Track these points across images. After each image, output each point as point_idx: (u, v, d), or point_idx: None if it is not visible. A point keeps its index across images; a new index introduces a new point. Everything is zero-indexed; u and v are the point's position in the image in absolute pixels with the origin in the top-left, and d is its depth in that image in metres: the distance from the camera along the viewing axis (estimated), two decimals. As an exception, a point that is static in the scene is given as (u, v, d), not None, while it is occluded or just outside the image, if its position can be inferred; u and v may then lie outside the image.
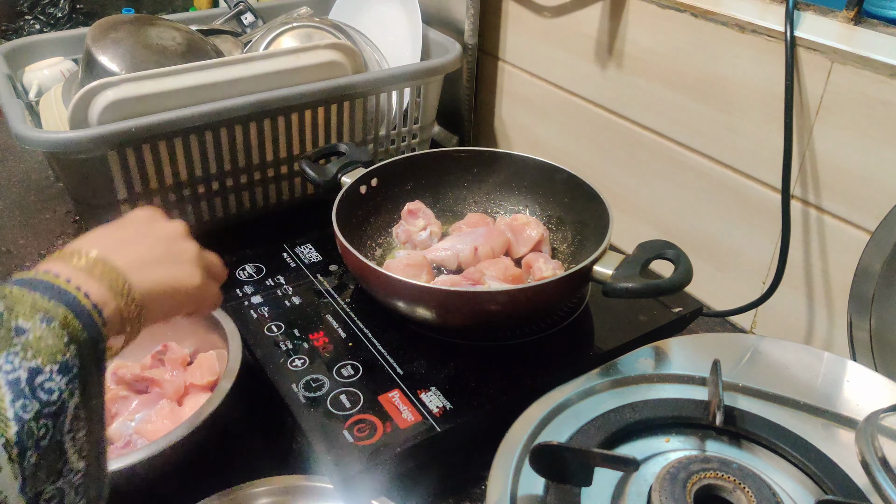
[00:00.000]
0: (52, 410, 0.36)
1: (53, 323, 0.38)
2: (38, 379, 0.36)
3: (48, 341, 0.37)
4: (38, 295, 0.39)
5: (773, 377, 0.60)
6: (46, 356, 0.37)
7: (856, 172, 0.68)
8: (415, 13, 1.02)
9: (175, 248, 0.50)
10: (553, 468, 0.50)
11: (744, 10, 0.74)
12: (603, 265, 0.65)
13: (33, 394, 0.35)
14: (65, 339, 0.38)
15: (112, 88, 0.78)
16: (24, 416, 0.35)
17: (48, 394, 0.36)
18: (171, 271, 0.48)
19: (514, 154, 0.85)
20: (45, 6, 1.61)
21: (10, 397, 0.35)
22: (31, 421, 0.35)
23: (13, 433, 0.34)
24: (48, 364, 0.36)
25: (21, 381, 0.35)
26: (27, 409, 0.35)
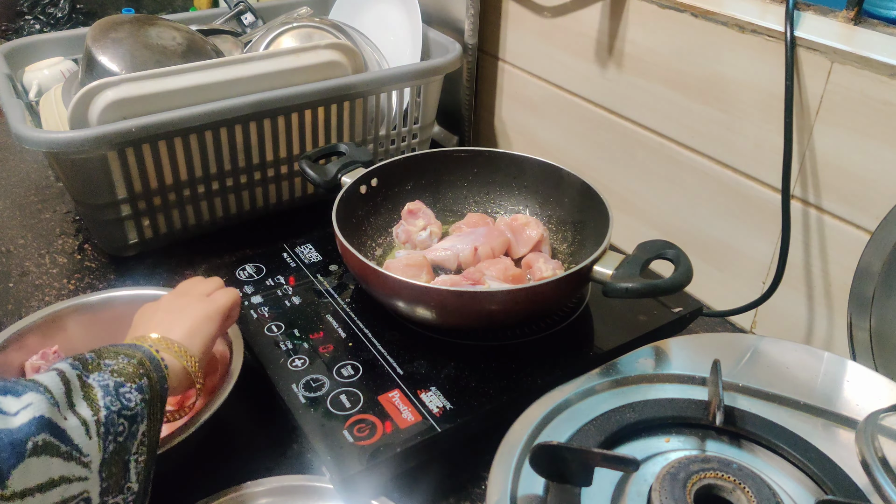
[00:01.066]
0: (129, 414, 0.46)
1: (133, 360, 0.49)
2: (121, 389, 0.46)
3: (129, 369, 0.48)
4: (121, 347, 0.51)
5: (773, 377, 0.60)
6: (127, 377, 0.47)
7: (856, 172, 0.68)
8: (415, 13, 1.02)
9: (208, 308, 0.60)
10: (553, 468, 0.50)
11: (744, 10, 0.74)
12: (603, 265, 0.65)
13: (117, 396, 0.46)
14: (140, 371, 0.49)
15: (112, 88, 0.78)
16: (112, 407, 0.45)
17: (127, 400, 0.46)
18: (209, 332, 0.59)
19: (514, 154, 0.85)
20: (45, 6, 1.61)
21: (101, 393, 0.45)
22: (114, 413, 0.45)
23: (103, 416, 0.44)
24: (128, 382, 0.47)
25: (109, 387, 0.46)
26: (113, 404, 0.45)
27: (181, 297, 0.62)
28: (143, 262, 0.88)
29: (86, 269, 0.88)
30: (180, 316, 0.58)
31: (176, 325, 0.57)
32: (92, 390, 0.45)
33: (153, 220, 0.87)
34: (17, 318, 0.68)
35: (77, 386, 0.44)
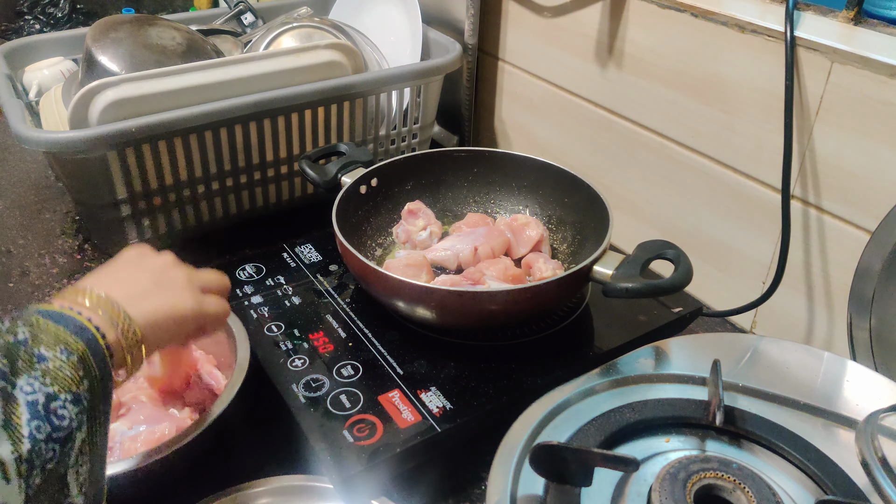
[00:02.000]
0: (61, 436, 0.38)
1: (73, 357, 0.40)
2: (52, 404, 0.38)
3: (66, 372, 0.40)
4: (61, 328, 0.41)
5: (773, 377, 0.60)
6: (62, 385, 0.39)
7: (856, 172, 0.68)
8: (415, 13, 1.02)
9: (165, 277, 0.53)
10: (553, 468, 0.50)
11: (744, 10, 0.74)
12: (603, 265, 0.65)
13: (47, 417, 0.38)
14: (80, 373, 0.40)
15: (112, 88, 0.78)
16: (38, 435, 0.37)
17: (60, 420, 0.38)
18: (164, 299, 0.51)
19: (514, 154, 0.85)
20: (45, 6, 1.61)
21: (27, 416, 0.37)
22: (41, 442, 0.37)
23: (26, 450, 0.36)
24: (63, 393, 0.39)
25: (38, 404, 0.38)
26: (41, 430, 0.37)
27: (173, 270, 0.54)
28: (143, 262, 0.88)
29: (86, 270, 0.88)
30: (156, 293, 0.50)
31: (147, 300, 0.49)
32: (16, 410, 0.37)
33: (153, 221, 0.87)
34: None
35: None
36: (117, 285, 0.48)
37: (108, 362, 0.43)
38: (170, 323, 0.50)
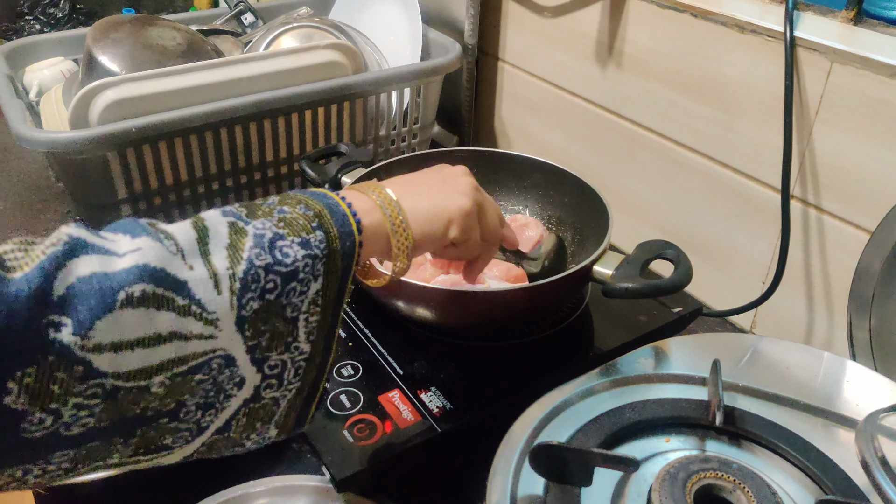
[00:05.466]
0: (283, 271, 0.40)
1: (309, 212, 0.43)
2: (278, 242, 0.41)
3: (299, 221, 0.42)
4: (306, 195, 0.45)
5: (773, 377, 0.60)
6: (292, 230, 0.42)
7: (856, 172, 0.68)
8: (415, 13, 1.02)
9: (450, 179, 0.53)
10: (553, 468, 0.50)
11: (744, 10, 0.74)
12: (603, 265, 0.65)
13: (270, 250, 0.40)
14: (313, 224, 0.42)
15: (112, 88, 0.78)
16: (256, 262, 0.39)
17: (283, 256, 0.40)
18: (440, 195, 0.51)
19: (514, 154, 0.85)
20: (45, 6, 1.61)
21: (250, 244, 0.40)
22: (260, 268, 0.39)
23: (241, 270, 0.39)
24: (291, 236, 0.41)
25: (264, 238, 0.40)
26: (260, 257, 0.40)
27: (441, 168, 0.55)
28: (143, 262, 0.87)
29: (86, 269, 0.87)
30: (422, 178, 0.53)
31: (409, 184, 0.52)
32: (242, 239, 0.40)
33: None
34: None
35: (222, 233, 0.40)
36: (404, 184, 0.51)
37: (349, 223, 0.44)
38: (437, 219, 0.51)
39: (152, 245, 0.37)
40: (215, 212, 0.42)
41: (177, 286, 0.37)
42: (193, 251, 0.38)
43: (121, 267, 0.35)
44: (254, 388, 0.41)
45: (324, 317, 0.43)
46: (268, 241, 0.40)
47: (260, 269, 0.39)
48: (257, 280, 0.39)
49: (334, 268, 0.43)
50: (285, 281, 0.40)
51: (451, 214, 0.51)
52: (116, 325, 0.34)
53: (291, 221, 0.42)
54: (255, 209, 0.42)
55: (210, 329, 0.38)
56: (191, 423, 0.39)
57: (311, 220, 0.42)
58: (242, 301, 0.39)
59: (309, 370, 0.44)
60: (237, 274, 0.39)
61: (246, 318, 0.39)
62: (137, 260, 0.36)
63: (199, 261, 0.38)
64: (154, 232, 0.38)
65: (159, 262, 0.36)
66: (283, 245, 0.41)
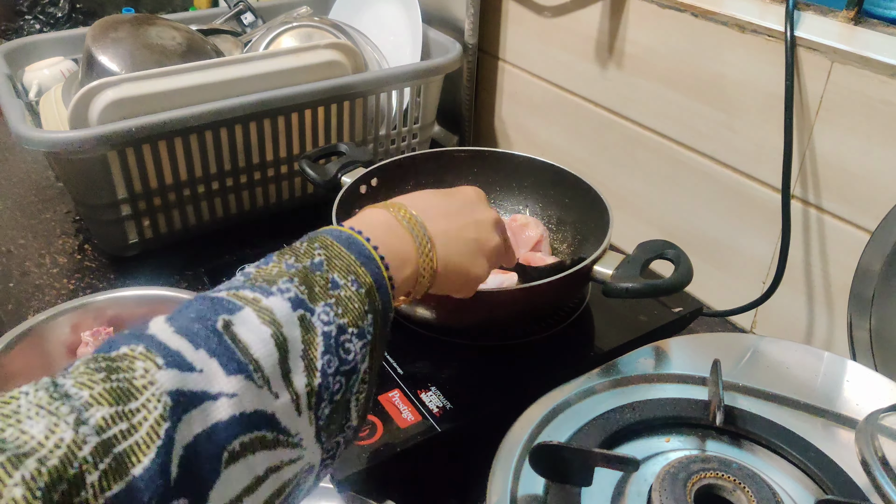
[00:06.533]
0: (347, 369, 0.39)
1: (362, 290, 0.41)
2: (342, 337, 0.39)
3: (355, 304, 0.40)
4: (353, 257, 0.42)
5: (773, 377, 0.60)
6: (352, 318, 0.40)
7: (856, 172, 0.68)
8: (415, 13, 1.02)
9: (483, 236, 0.52)
10: (553, 468, 0.50)
11: (744, 10, 0.74)
12: (603, 265, 0.65)
13: (337, 351, 0.38)
14: (366, 307, 0.41)
15: (112, 88, 0.78)
16: (328, 370, 0.38)
17: (346, 353, 0.39)
18: (470, 256, 0.51)
19: (514, 154, 0.85)
20: (45, 6, 1.61)
21: (321, 349, 0.38)
22: (331, 376, 0.38)
23: (317, 383, 0.37)
24: (351, 326, 0.39)
25: (331, 336, 0.38)
26: (331, 363, 0.38)
27: (477, 205, 0.54)
28: (143, 263, 0.88)
29: (86, 269, 0.88)
30: (458, 216, 0.51)
31: (445, 219, 0.50)
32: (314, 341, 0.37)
33: (153, 221, 0.87)
34: (18, 319, 0.68)
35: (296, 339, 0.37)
36: (439, 218, 0.49)
37: (390, 294, 0.43)
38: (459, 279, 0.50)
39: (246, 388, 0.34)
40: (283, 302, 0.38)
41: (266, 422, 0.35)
42: (277, 377, 0.36)
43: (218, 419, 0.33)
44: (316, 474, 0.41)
45: (370, 391, 0.42)
46: (334, 339, 0.39)
47: (330, 377, 0.38)
48: (328, 387, 0.38)
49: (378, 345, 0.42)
50: (348, 378, 0.40)
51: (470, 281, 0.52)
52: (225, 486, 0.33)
53: (349, 305, 0.40)
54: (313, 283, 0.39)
55: (296, 452, 0.37)
56: None
57: (365, 302, 0.41)
58: (319, 413, 0.38)
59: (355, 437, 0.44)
60: (314, 388, 0.37)
61: (322, 428, 0.38)
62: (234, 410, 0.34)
63: (282, 385, 0.36)
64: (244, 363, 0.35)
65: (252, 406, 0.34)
66: (345, 340, 0.39)
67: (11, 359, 0.65)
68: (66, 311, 0.69)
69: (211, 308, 0.36)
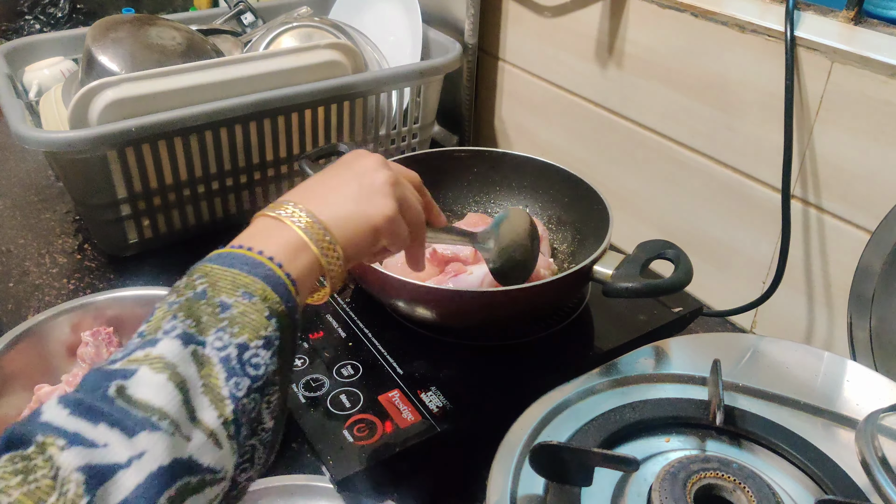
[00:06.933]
0: (258, 385, 0.37)
1: (254, 298, 0.39)
2: (245, 355, 0.37)
3: (251, 317, 0.38)
4: (236, 271, 0.40)
5: (773, 377, 0.60)
6: (251, 332, 0.38)
7: (856, 172, 0.68)
8: (415, 13, 1.02)
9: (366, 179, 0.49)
10: (553, 468, 0.50)
11: (744, 10, 0.74)
12: (603, 265, 0.65)
13: (243, 370, 0.37)
14: (266, 314, 0.39)
15: (112, 88, 0.78)
16: (238, 393, 0.36)
17: (255, 369, 0.37)
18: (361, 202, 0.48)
19: (514, 154, 0.85)
20: (45, 6, 1.61)
21: (223, 375, 0.36)
22: (242, 398, 0.36)
23: (230, 411, 0.35)
24: (253, 340, 0.38)
25: (231, 359, 0.37)
26: (239, 386, 0.36)
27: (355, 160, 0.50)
28: (143, 262, 0.88)
29: (86, 269, 0.88)
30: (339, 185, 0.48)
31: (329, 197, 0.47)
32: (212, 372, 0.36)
33: (153, 220, 0.87)
34: (18, 319, 0.68)
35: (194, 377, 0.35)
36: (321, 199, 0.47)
37: (290, 292, 0.41)
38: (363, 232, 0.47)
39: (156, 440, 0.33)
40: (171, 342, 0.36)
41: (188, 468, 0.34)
42: (184, 419, 0.34)
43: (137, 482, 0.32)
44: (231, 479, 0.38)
45: (283, 391, 0.41)
46: (236, 359, 0.37)
47: (244, 400, 0.37)
48: (244, 410, 0.37)
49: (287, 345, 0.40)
50: (261, 392, 0.38)
51: (375, 223, 0.48)
52: None
53: (245, 320, 0.38)
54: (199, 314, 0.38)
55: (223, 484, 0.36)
56: None
57: (262, 309, 0.39)
58: (240, 439, 0.37)
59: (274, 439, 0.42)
60: (228, 419, 0.36)
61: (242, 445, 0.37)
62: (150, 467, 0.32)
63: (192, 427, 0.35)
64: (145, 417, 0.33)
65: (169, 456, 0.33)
66: (250, 356, 0.37)
67: (11, 359, 0.66)
68: (65, 311, 0.69)
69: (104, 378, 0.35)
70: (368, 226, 0.47)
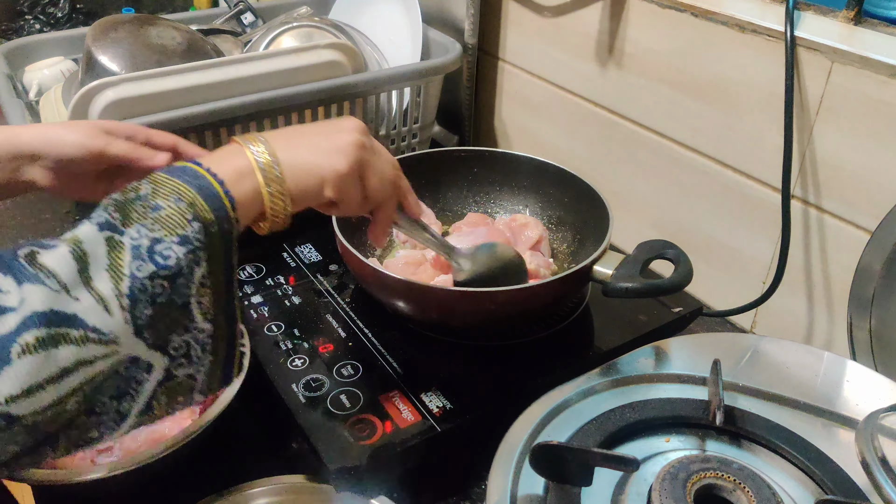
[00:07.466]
0: (166, 274, 0.41)
1: (182, 203, 0.43)
2: (157, 247, 0.41)
3: (175, 218, 0.42)
4: (179, 181, 0.44)
5: (773, 377, 0.60)
6: (169, 230, 0.42)
7: (856, 172, 0.68)
8: (415, 13, 1.02)
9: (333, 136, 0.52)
10: (553, 468, 0.50)
11: (744, 10, 0.74)
12: (603, 265, 0.65)
13: (150, 258, 0.41)
14: (189, 217, 0.42)
15: (112, 88, 0.78)
16: (138, 274, 0.40)
17: (163, 259, 0.41)
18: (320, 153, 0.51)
19: (514, 154, 0.85)
20: (45, 6, 1.61)
21: (128, 258, 0.41)
22: (144, 279, 0.40)
23: (126, 287, 0.40)
24: (169, 236, 0.42)
25: (142, 248, 0.41)
26: (141, 269, 0.40)
27: (345, 134, 0.53)
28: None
29: (86, 269, 0.87)
30: (315, 149, 0.51)
31: (302, 152, 0.51)
32: (120, 254, 0.41)
33: (153, 220, 0.87)
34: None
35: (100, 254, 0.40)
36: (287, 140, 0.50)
37: (224, 204, 0.44)
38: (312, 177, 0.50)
39: (35, 290, 0.38)
40: (91, 227, 0.42)
41: (69, 321, 0.38)
42: (76, 283, 0.39)
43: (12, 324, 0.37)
44: (164, 370, 0.42)
45: (216, 295, 0.44)
46: (146, 249, 0.41)
47: (145, 280, 0.40)
48: (144, 291, 0.40)
49: (216, 251, 0.44)
50: (171, 281, 0.41)
51: (324, 174, 0.50)
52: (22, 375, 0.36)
53: (167, 220, 0.42)
54: (130, 211, 0.42)
55: (111, 347, 0.39)
56: (111, 412, 0.41)
57: (186, 212, 0.43)
58: (136, 313, 0.40)
59: (217, 345, 0.45)
60: (123, 292, 0.40)
61: (143, 326, 0.40)
62: (25, 311, 0.37)
63: (84, 291, 0.39)
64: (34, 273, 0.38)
65: (46, 305, 0.37)
66: (161, 249, 0.41)
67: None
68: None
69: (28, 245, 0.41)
70: (318, 176, 0.50)
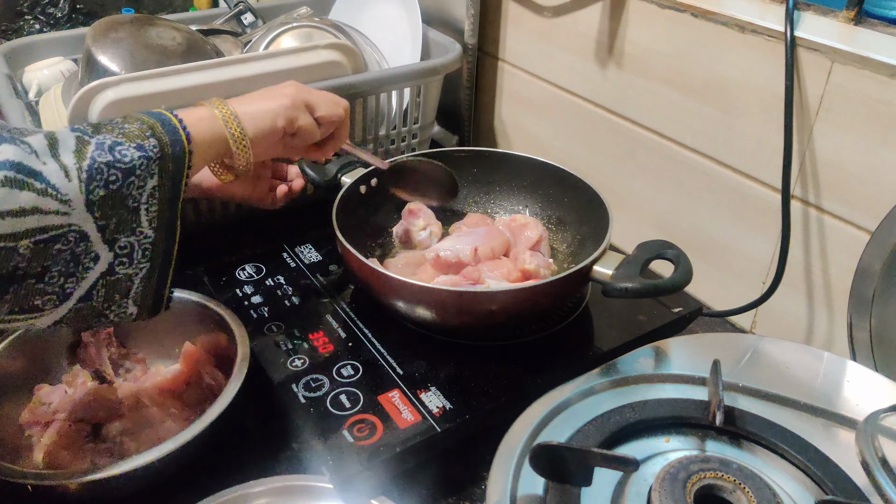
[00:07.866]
0: (122, 167, 0.50)
1: (144, 125, 0.53)
2: (118, 147, 0.51)
3: (135, 133, 0.52)
4: (146, 116, 0.54)
5: (773, 377, 0.60)
6: (129, 138, 0.52)
7: (856, 172, 0.68)
8: (415, 13, 1.02)
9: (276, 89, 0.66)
10: (553, 468, 0.50)
11: (744, 10, 0.74)
12: (603, 265, 0.65)
13: (110, 152, 0.50)
14: (147, 133, 0.53)
15: (112, 88, 0.78)
16: (98, 158, 0.49)
17: (122, 156, 0.50)
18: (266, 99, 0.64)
19: (514, 154, 0.85)
20: (45, 6, 1.61)
21: (92, 148, 0.50)
22: (102, 164, 0.49)
23: (86, 165, 0.49)
24: (129, 142, 0.51)
25: (105, 144, 0.50)
26: (101, 156, 0.50)
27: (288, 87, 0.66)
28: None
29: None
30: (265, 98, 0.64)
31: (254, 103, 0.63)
32: (86, 147, 0.50)
33: (153, 220, 0.87)
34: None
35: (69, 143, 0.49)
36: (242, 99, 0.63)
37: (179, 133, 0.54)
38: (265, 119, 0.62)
39: (10, 148, 0.46)
40: (66, 131, 0.51)
41: (33, 174, 0.46)
42: (45, 152, 0.48)
43: None
44: (108, 263, 0.50)
45: (162, 209, 0.53)
46: (108, 146, 0.50)
47: (102, 165, 0.49)
48: (101, 172, 0.49)
49: (167, 169, 0.53)
50: (125, 175, 0.50)
51: (274, 109, 0.63)
52: None
53: (129, 133, 0.52)
54: (101, 127, 0.52)
55: (65, 207, 0.47)
56: (56, 286, 0.48)
57: (146, 130, 0.53)
58: (90, 187, 0.48)
59: (156, 253, 0.53)
60: (83, 168, 0.49)
61: (94, 202, 0.49)
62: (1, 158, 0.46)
63: (51, 158, 0.48)
64: (12, 138, 0.47)
65: (17, 158, 0.46)
66: (121, 148, 0.51)
67: (11, 359, 0.66)
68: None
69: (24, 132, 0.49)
70: (268, 112, 0.62)
